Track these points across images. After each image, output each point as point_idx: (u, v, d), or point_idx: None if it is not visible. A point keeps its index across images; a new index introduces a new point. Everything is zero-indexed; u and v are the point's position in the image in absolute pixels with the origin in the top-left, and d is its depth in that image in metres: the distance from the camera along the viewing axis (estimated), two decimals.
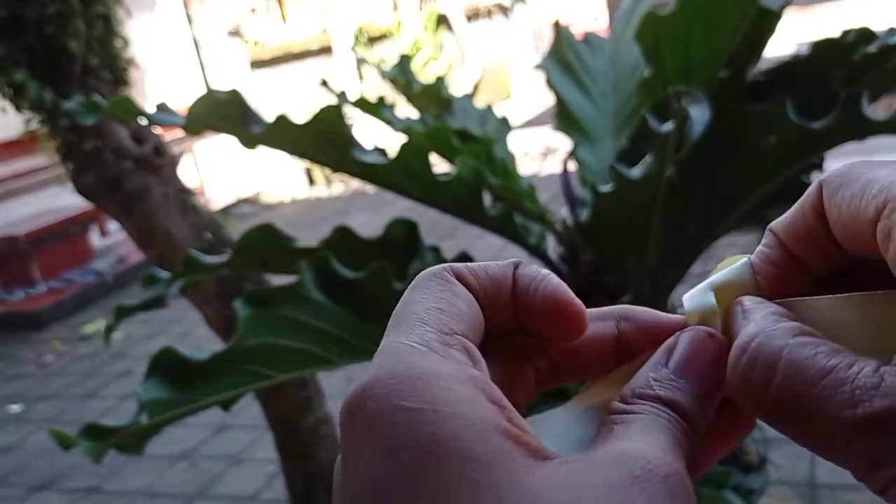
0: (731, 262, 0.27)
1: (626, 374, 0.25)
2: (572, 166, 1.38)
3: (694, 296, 0.26)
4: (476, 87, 8.10)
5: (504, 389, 0.22)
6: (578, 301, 0.25)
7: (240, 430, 2.79)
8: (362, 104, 1.31)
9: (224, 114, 1.05)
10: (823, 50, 1.17)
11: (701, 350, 0.25)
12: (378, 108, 1.29)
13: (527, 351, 0.26)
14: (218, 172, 6.34)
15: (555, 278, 0.25)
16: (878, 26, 1.14)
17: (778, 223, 0.26)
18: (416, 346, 0.21)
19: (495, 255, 3.88)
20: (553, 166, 5.37)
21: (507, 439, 0.19)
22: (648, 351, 0.25)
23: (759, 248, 0.27)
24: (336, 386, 2.85)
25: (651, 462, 0.20)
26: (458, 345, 0.22)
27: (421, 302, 0.23)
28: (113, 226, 4.95)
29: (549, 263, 1.31)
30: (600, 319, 0.27)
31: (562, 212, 1.35)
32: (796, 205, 0.26)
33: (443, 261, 1.17)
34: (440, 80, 1.53)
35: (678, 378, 0.24)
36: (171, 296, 1.18)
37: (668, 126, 0.97)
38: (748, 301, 0.25)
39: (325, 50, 7.45)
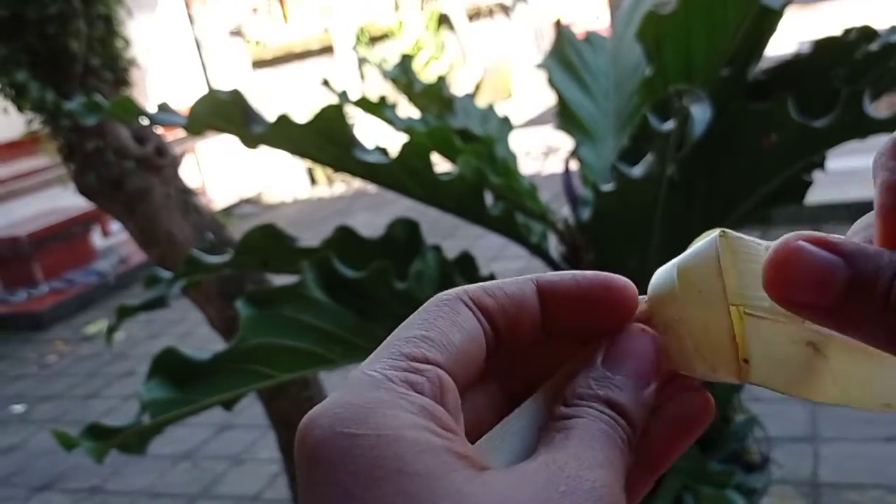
0: (706, 235, 0.25)
1: (569, 373, 0.25)
2: (574, 165, 1.38)
3: (660, 274, 0.26)
4: (477, 87, 8.09)
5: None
6: (622, 277, 0.26)
7: (242, 429, 2.79)
8: (364, 104, 1.31)
9: (225, 114, 1.05)
10: (825, 48, 1.17)
11: (636, 344, 0.25)
12: (379, 108, 1.29)
13: (555, 359, 0.26)
14: (220, 172, 6.34)
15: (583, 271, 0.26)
16: (880, 24, 1.14)
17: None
18: (374, 375, 0.22)
19: (497, 255, 3.88)
20: (555, 165, 5.37)
21: (450, 456, 0.20)
22: (591, 347, 0.26)
23: (880, 171, 0.23)
24: (338, 386, 2.84)
25: (580, 476, 0.20)
26: (428, 373, 0.22)
27: (412, 327, 0.24)
28: (115, 226, 4.96)
29: (550, 263, 1.31)
30: None
31: (563, 211, 1.35)
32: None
33: (444, 260, 1.17)
34: (441, 79, 1.53)
35: (614, 374, 0.24)
36: (173, 296, 1.19)
37: (670, 125, 0.97)
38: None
39: (327, 50, 7.46)
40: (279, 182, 6.70)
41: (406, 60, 1.56)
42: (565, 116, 1.40)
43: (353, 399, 0.21)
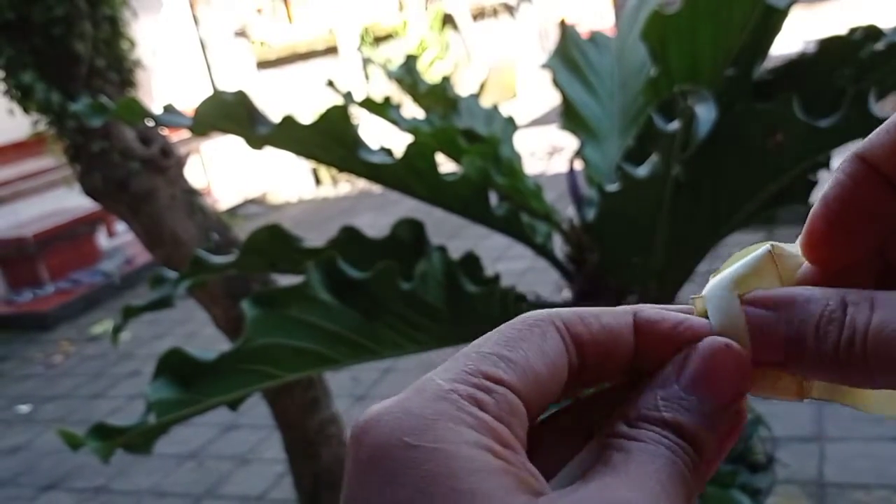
0: (748, 251, 0.24)
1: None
2: (579, 166, 1.38)
3: (714, 293, 0.24)
4: (482, 87, 8.09)
5: None
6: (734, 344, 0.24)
7: (247, 429, 2.79)
8: (368, 104, 1.31)
9: (230, 115, 1.05)
10: (830, 48, 1.16)
11: (719, 363, 0.23)
12: (384, 109, 1.29)
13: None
14: (225, 173, 6.35)
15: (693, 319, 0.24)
16: (886, 24, 1.14)
17: (869, 150, 0.23)
18: (441, 385, 0.21)
19: (501, 255, 3.88)
20: (559, 165, 5.37)
21: (506, 477, 0.19)
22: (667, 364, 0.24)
23: (835, 175, 0.23)
24: (343, 386, 2.86)
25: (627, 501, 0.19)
26: (497, 394, 0.21)
27: (495, 343, 0.23)
28: (120, 226, 4.97)
29: (555, 263, 1.31)
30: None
31: (568, 211, 1.35)
32: (892, 126, 0.22)
33: (449, 261, 1.17)
34: (446, 79, 1.53)
35: (689, 395, 0.22)
36: (179, 296, 1.19)
37: (675, 125, 0.97)
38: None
39: (331, 50, 7.46)
40: (284, 182, 6.71)
41: (410, 61, 1.56)
42: (570, 116, 1.40)
43: (416, 407, 0.21)
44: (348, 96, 1.32)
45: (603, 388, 0.25)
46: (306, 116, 1.04)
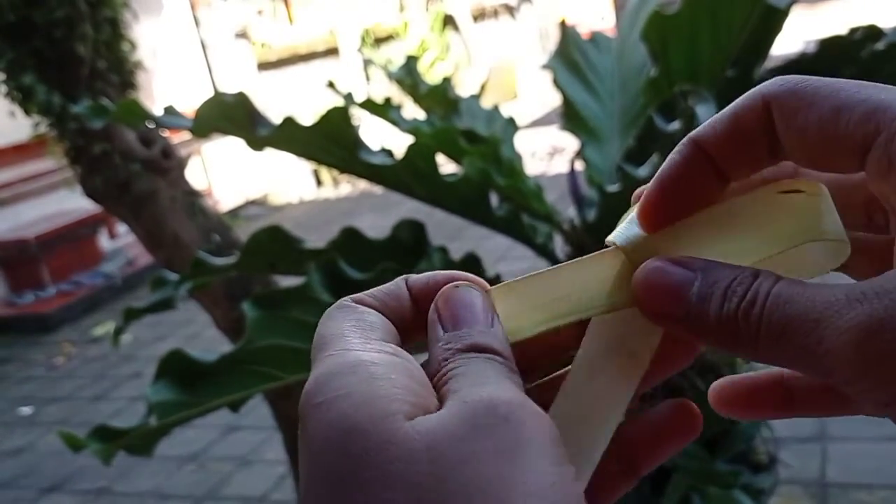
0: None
1: None
2: (579, 166, 1.38)
3: (621, 230, 0.27)
4: (483, 88, 8.09)
5: None
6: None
7: (249, 431, 2.79)
8: (369, 105, 1.31)
9: (231, 116, 1.05)
10: (831, 48, 1.16)
11: (460, 298, 0.26)
12: (385, 110, 1.29)
13: None
14: (226, 174, 6.35)
15: (439, 272, 0.28)
16: (886, 24, 1.14)
17: (703, 136, 0.26)
18: (341, 348, 0.25)
19: (503, 255, 3.87)
20: (560, 166, 5.37)
21: (390, 403, 0.22)
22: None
23: (672, 155, 0.26)
24: None
25: (489, 399, 0.22)
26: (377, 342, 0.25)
27: (335, 326, 0.26)
28: (122, 228, 4.97)
29: (556, 263, 1.30)
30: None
31: (569, 212, 1.35)
32: (726, 119, 0.26)
33: (450, 262, 1.17)
34: (446, 80, 1.53)
35: (460, 329, 0.25)
36: (180, 298, 1.19)
37: (675, 125, 0.97)
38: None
39: (332, 51, 7.47)
40: (285, 184, 6.71)
41: (411, 61, 1.56)
42: (570, 117, 1.40)
43: (330, 368, 0.24)
44: (349, 97, 1.32)
45: None
46: (307, 118, 1.04)
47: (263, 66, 6.98)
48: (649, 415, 0.28)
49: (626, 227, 0.27)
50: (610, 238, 0.27)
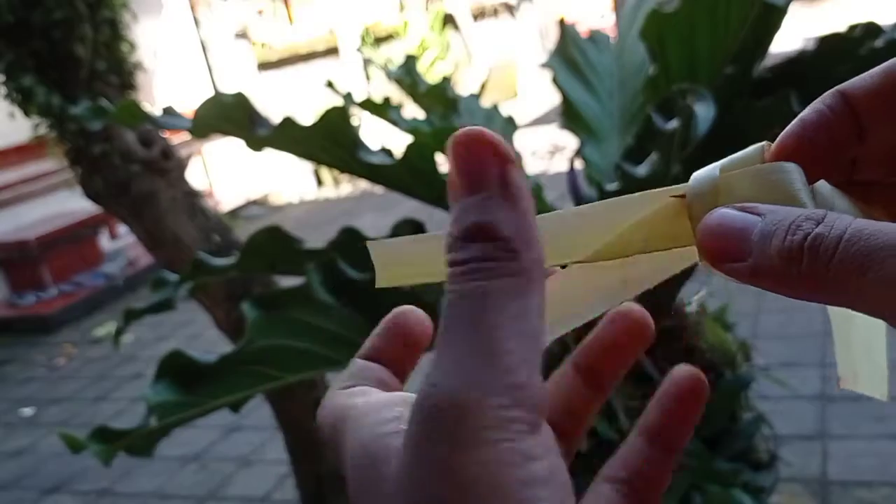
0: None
1: None
2: (579, 165, 1.38)
3: (700, 174, 0.26)
4: (482, 87, 8.09)
5: None
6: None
7: (250, 431, 2.80)
8: (368, 105, 1.31)
9: (230, 117, 1.05)
10: (830, 45, 1.16)
11: (466, 154, 0.22)
12: (384, 109, 1.30)
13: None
14: (226, 174, 6.35)
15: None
16: (885, 21, 1.14)
17: (853, 88, 0.25)
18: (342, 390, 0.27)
19: None
20: (560, 165, 5.37)
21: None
22: None
23: (816, 103, 0.25)
24: None
25: (436, 398, 0.20)
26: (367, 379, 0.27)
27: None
28: (123, 229, 4.97)
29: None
30: None
31: None
32: (879, 74, 0.25)
33: None
34: (446, 79, 1.53)
35: (463, 196, 0.21)
36: (180, 298, 1.19)
37: (674, 124, 0.97)
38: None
39: (332, 51, 7.47)
40: (286, 184, 6.71)
41: (410, 61, 1.56)
42: (570, 116, 1.40)
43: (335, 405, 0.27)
44: (348, 97, 1.32)
45: None
46: (307, 117, 1.04)
47: (263, 66, 6.99)
48: (604, 330, 0.29)
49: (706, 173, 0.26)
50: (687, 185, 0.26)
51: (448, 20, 8.33)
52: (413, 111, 1.51)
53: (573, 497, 0.21)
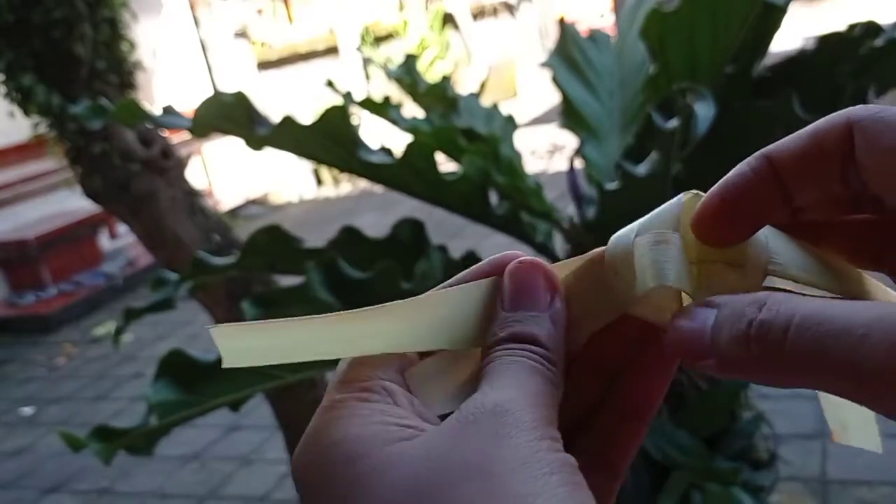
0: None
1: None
2: (579, 164, 1.38)
3: (619, 236, 0.27)
4: (482, 86, 8.09)
5: None
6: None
7: (250, 430, 2.80)
8: (368, 104, 1.31)
9: (230, 116, 1.05)
10: (830, 44, 1.16)
11: (521, 277, 0.27)
12: (384, 108, 1.29)
13: None
14: (226, 174, 6.35)
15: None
16: (885, 20, 1.14)
17: (777, 151, 0.26)
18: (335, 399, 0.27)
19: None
20: (560, 164, 5.36)
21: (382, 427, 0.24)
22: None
23: (741, 166, 0.26)
24: None
25: (485, 401, 0.23)
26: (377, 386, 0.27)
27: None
28: (122, 228, 4.97)
29: (556, 261, 1.30)
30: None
31: (569, 210, 1.35)
32: (804, 137, 0.25)
33: (450, 260, 1.17)
34: (446, 79, 1.53)
35: (513, 311, 0.26)
36: (180, 297, 1.19)
37: (674, 123, 0.97)
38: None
39: (332, 50, 7.46)
40: (285, 183, 6.71)
41: (410, 60, 1.56)
42: (570, 115, 1.40)
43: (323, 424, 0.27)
44: (348, 96, 1.32)
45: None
46: (307, 117, 1.04)
47: (263, 65, 6.98)
48: (632, 359, 0.29)
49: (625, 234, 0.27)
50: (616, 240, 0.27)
51: (448, 19, 8.33)
52: (413, 110, 1.51)
53: None
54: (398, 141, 1.18)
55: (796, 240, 0.26)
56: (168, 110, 1.13)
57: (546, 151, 5.95)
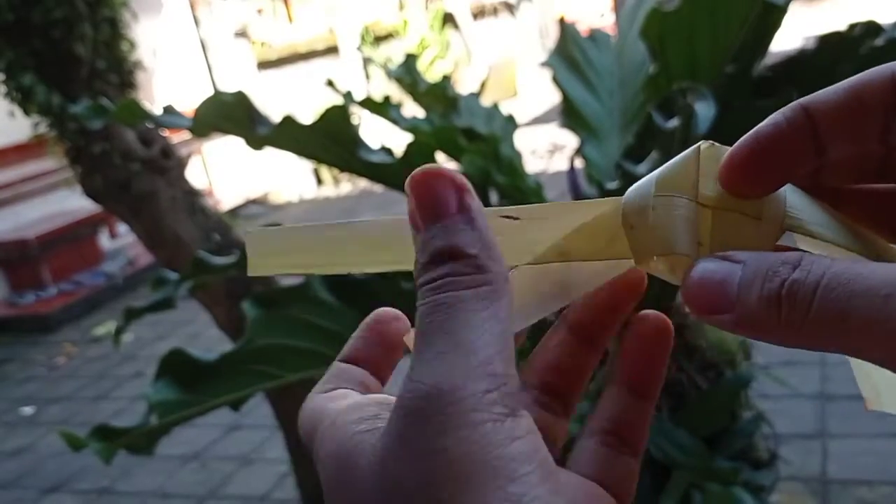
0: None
1: None
2: (579, 163, 1.38)
3: (637, 189, 0.26)
4: (482, 85, 8.06)
5: None
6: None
7: (250, 430, 2.80)
8: (368, 104, 1.31)
9: (230, 115, 1.05)
10: (830, 44, 1.16)
11: (421, 189, 0.24)
12: (384, 108, 1.29)
13: None
14: (226, 173, 6.35)
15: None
16: (885, 19, 1.14)
17: (815, 102, 0.24)
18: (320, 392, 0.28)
19: None
20: (560, 164, 5.36)
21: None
22: None
23: (776, 115, 0.25)
24: None
25: (414, 388, 0.22)
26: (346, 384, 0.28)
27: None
28: (123, 228, 4.97)
29: None
30: None
31: None
32: (846, 89, 0.24)
33: None
34: (446, 78, 1.53)
35: (426, 230, 0.24)
36: (181, 297, 1.19)
37: (674, 123, 0.97)
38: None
39: (332, 50, 7.46)
40: (286, 183, 6.71)
41: (410, 60, 1.56)
42: (570, 114, 1.40)
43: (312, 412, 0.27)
44: (348, 96, 1.32)
45: None
46: (307, 116, 1.04)
47: (263, 65, 6.98)
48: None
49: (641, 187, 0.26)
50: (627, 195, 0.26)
51: (448, 19, 8.33)
52: (413, 110, 1.51)
53: (556, 471, 0.22)
54: (398, 140, 1.18)
55: (817, 200, 0.25)
56: (168, 110, 1.13)
57: (546, 151, 5.95)
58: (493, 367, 0.21)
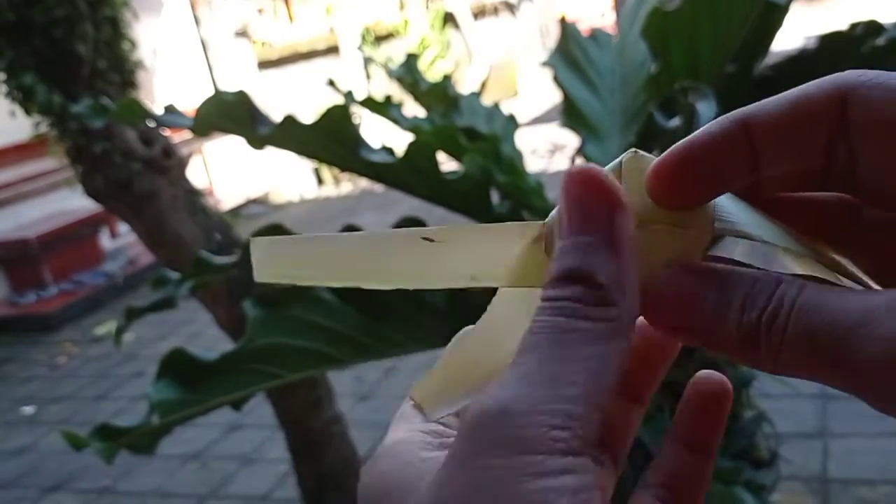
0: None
1: None
2: (580, 163, 1.37)
3: (557, 210, 0.24)
4: (483, 85, 8.09)
5: None
6: None
7: (251, 429, 2.80)
8: (369, 103, 1.31)
9: (231, 115, 1.05)
10: (831, 43, 1.16)
11: (574, 193, 0.22)
12: (385, 108, 1.29)
13: None
14: (227, 173, 6.35)
15: None
16: (886, 19, 1.14)
17: (756, 116, 0.23)
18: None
19: None
20: (561, 163, 5.36)
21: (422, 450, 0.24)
22: None
23: (711, 126, 0.23)
24: (347, 385, 2.86)
25: (483, 404, 0.20)
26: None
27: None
28: (123, 227, 4.97)
29: None
30: None
31: None
32: (788, 102, 0.23)
33: None
34: (447, 78, 1.53)
35: (568, 237, 0.22)
36: (182, 297, 1.19)
37: (676, 122, 0.97)
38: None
39: (333, 49, 7.47)
40: (286, 182, 6.71)
41: (411, 59, 1.56)
42: (571, 114, 1.40)
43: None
44: (349, 95, 1.32)
45: None
46: (307, 116, 1.04)
47: (264, 64, 6.99)
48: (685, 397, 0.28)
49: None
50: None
51: (448, 18, 8.33)
52: (414, 109, 1.51)
53: None
54: (399, 140, 1.18)
55: (759, 210, 0.24)
56: (169, 109, 1.13)
57: (547, 150, 5.95)
58: (576, 409, 0.19)
